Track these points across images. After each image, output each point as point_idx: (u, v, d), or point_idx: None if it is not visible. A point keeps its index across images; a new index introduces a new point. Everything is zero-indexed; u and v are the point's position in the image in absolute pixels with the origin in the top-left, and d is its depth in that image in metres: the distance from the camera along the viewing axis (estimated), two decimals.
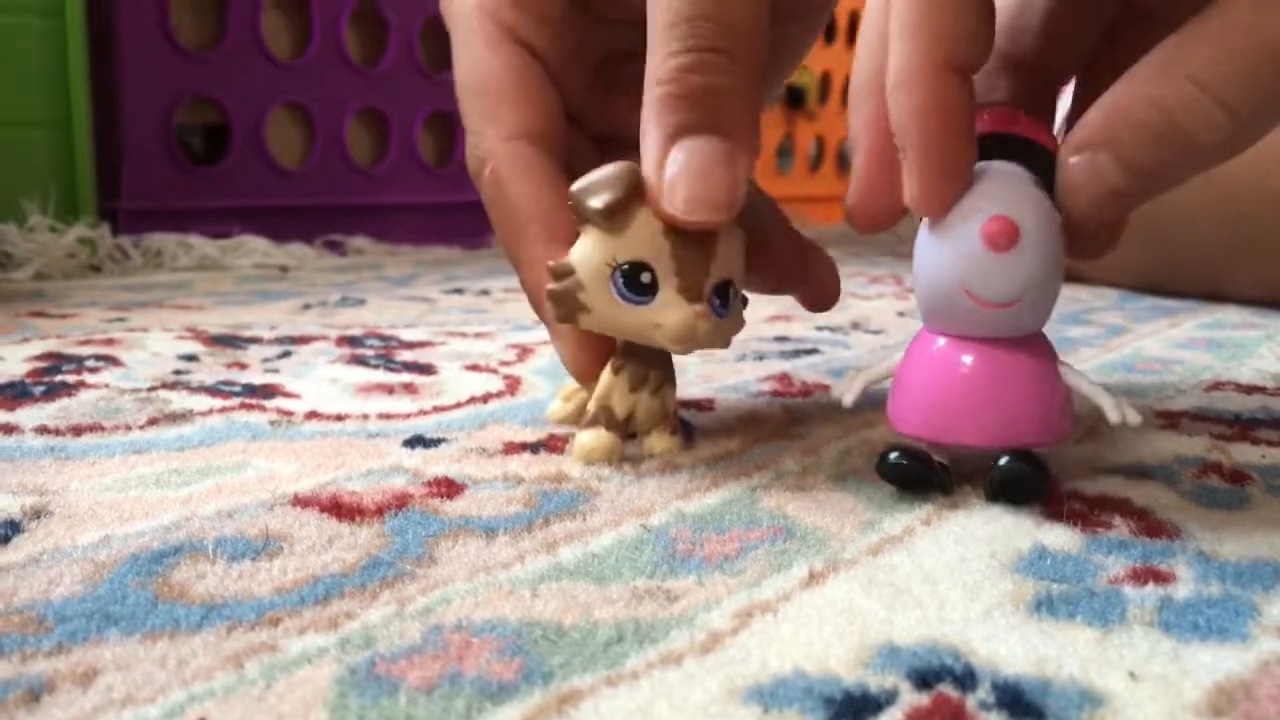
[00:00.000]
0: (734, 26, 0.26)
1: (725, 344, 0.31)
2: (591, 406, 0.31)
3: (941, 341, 0.28)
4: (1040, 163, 0.27)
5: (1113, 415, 0.26)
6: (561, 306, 0.29)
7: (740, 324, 0.31)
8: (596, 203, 0.27)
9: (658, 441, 0.31)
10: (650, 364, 0.31)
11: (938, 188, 0.26)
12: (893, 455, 0.28)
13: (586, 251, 0.28)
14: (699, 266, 0.28)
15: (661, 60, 0.27)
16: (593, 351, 0.31)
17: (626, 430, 0.31)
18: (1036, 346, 0.27)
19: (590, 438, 0.31)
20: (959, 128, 0.25)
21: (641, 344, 0.30)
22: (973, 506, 0.28)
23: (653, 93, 0.27)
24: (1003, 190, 0.26)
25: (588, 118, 0.34)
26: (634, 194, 0.28)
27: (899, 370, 0.29)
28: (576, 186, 0.28)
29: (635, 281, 0.28)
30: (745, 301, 0.31)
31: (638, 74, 0.28)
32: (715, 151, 0.27)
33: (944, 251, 0.26)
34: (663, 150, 0.27)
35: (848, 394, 0.29)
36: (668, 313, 0.28)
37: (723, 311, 0.29)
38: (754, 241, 0.31)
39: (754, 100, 0.27)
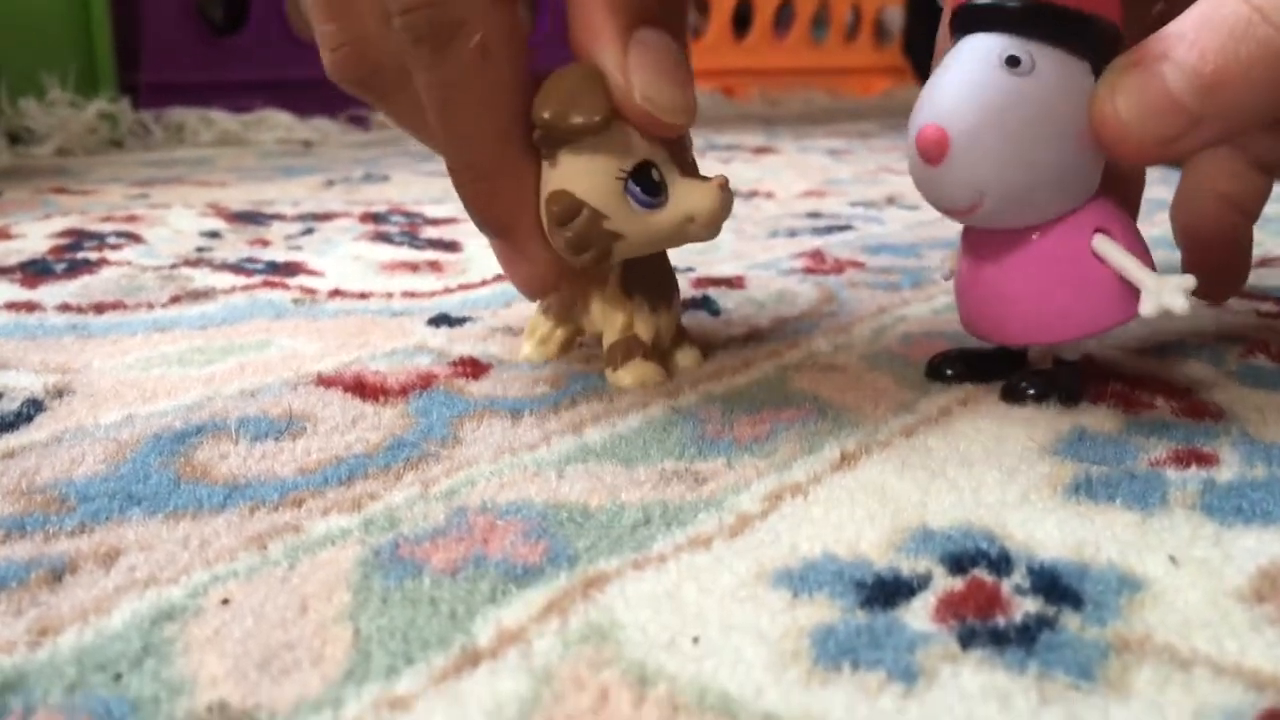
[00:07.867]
0: None
1: None
2: (611, 338, 0.28)
3: (969, 232, 0.26)
4: (1098, 40, 0.23)
5: (1146, 307, 0.23)
6: (592, 247, 0.25)
7: None
8: (589, 117, 0.24)
9: (683, 357, 0.29)
10: (656, 280, 0.28)
11: None
12: (939, 364, 0.27)
13: (585, 177, 0.25)
14: (685, 145, 0.26)
15: None
16: (554, 265, 0.26)
17: (658, 354, 0.28)
18: (1068, 230, 0.24)
19: (634, 374, 0.27)
20: None
21: (642, 258, 0.27)
22: None
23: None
24: (947, 88, 0.23)
25: None
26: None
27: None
28: (548, 110, 0.24)
29: (649, 181, 0.25)
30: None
31: None
32: (674, 53, 0.25)
33: (909, 159, 0.24)
34: (620, 44, 0.24)
35: (942, 268, 0.29)
36: (693, 200, 0.25)
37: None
38: None
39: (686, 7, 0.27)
